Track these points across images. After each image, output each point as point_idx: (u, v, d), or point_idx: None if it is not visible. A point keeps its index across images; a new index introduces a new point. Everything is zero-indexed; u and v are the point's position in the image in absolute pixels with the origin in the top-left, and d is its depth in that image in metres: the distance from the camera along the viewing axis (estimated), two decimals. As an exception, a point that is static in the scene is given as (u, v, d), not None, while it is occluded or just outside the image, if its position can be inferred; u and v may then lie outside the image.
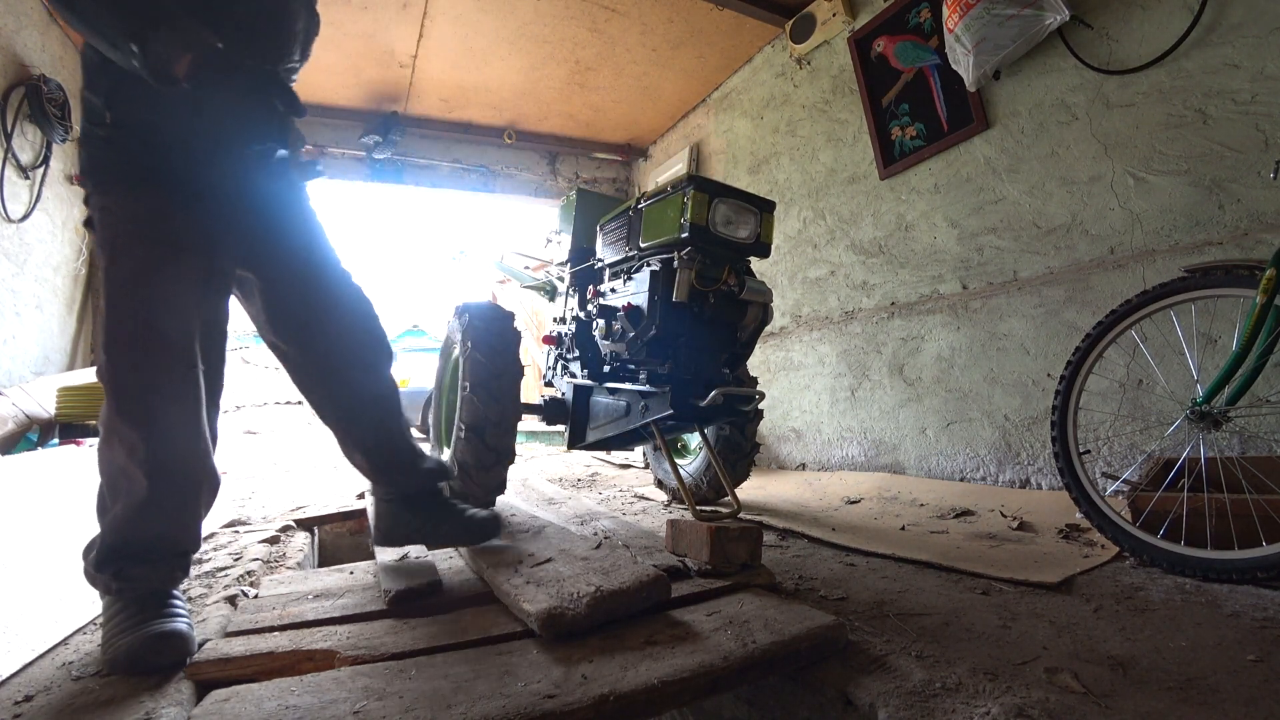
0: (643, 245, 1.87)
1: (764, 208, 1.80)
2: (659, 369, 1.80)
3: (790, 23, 3.58)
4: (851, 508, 2.51)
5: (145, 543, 1.15)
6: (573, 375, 2.34)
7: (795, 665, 1.06)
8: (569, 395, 2.37)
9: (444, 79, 4.17)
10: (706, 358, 1.83)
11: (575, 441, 2.33)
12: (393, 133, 4.44)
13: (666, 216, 1.76)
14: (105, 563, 1.14)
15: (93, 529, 1.21)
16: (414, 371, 7.81)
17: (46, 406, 2.98)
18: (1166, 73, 2.11)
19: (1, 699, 0.99)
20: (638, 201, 1.93)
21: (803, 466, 3.54)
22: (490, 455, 1.97)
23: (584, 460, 4.42)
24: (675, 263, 1.71)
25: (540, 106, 4.70)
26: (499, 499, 2.14)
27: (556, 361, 2.50)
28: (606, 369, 2.11)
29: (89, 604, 1.37)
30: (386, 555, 1.61)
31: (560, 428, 2.45)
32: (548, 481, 3.16)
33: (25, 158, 3.16)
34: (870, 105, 3.13)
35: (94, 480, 1.20)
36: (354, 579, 1.50)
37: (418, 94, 4.35)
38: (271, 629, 1.17)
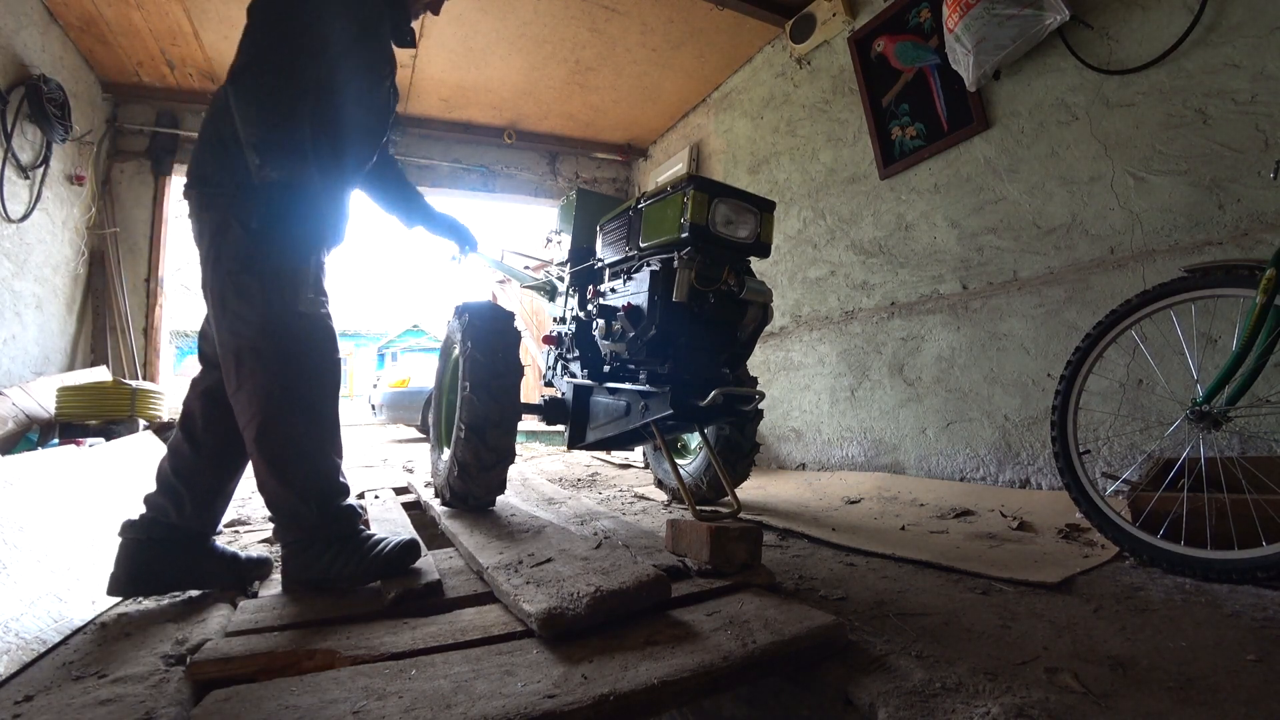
0: (643, 245, 1.87)
1: (764, 208, 1.80)
2: (659, 369, 1.80)
3: (790, 23, 3.58)
4: (851, 508, 2.51)
5: (339, 485, 1.43)
6: (573, 375, 2.34)
7: (795, 665, 1.06)
8: (569, 395, 2.36)
9: (444, 79, 4.17)
10: (706, 358, 1.83)
11: (575, 441, 2.33)
12: (392, 132, 4.44)
13: (666, 216, 1.76)
14: (324, 508, 1.37)
15: (91, 528, 1.21)
16: (414, 371, 7.80)
17: (46, 406, 2.98)
18: (1166, 73, 2.11)
19: (1, 699, 0.99)
20: (638, 201, 1.93)
21: (803, 466, 3.54)
22: (490, 455, 1.98)
23: (584, 460, 4.42)
24: (675, 263, 1.71)
25: (540, 106, 4.70)
26: (499, 499, 2.14)
27: (556, 361, 2.50)
28: (606, 369, 2.11)
29: (89, 604, 1.37)
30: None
31: (560, 428, 2.45)
32: (548, 481, 3.16)
33: (25, 158, 3.17)
34: (870, 105, 3.13)
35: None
36: (354, 579, 1.49)
37: (418, 94, 4.36)
38: (271, 629, 1.17)
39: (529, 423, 2.80)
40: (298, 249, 1.38)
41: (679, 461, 2.68)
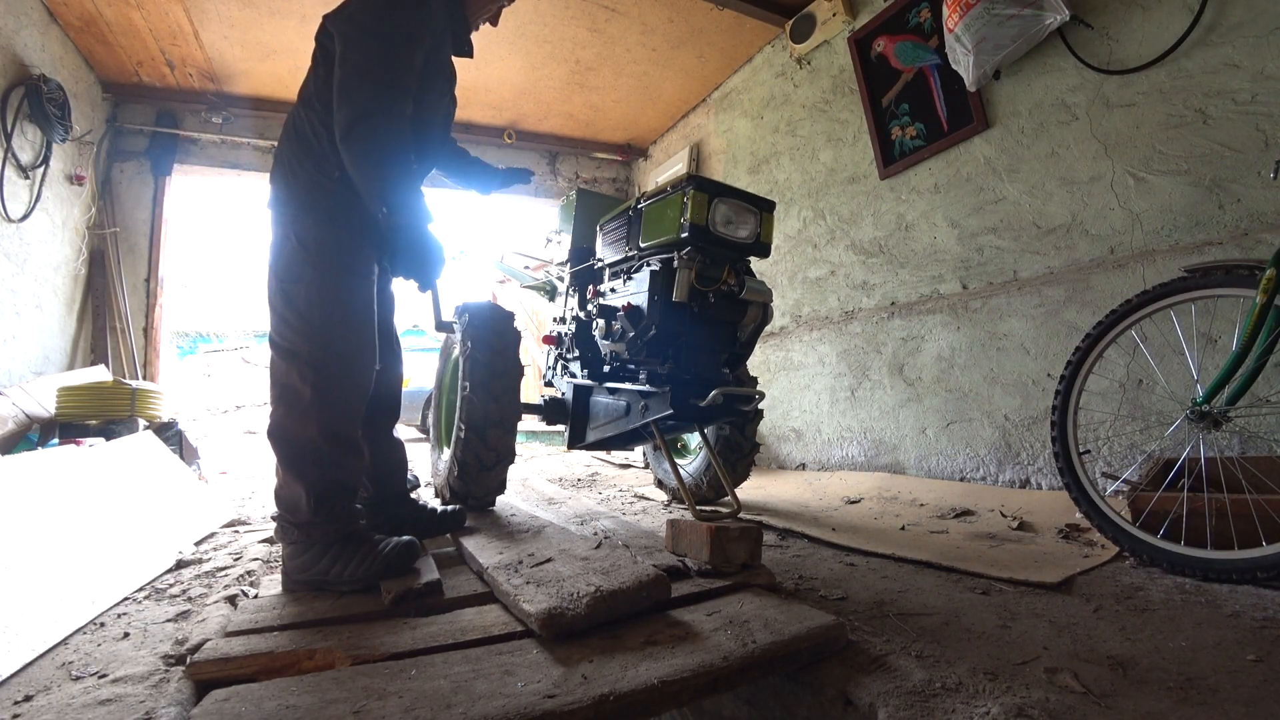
0: (643, 245, 1.87)
1: (764, 208, 1.80)
2: (659, 369, 1.80)
3: (790, 23, 3.58)
4: (851, 508, 2.51)
5: (347, 487, 1.47)
6: (573, 375, 2.34)
7: (795, 665, 1.06)
8: (569, 395, 2.37)
9: (444, 79, 4.17)
10: (706, 357, 1.83)
11: (575, 441, 2.33)
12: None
13: (666, 216, 1.76)
14: (320, 506, 1.40)
15: (92, 529, 1.21)
16: (414, 371, 7.80)
17: (46, 406, 2.98)
18: (1166, 73, 2.11)
19: (1, 699, 0.99)
20: (638, 201, 1.93)
21: (803, 466, 3.54)
22: (490, 455, 1.98)
23: (584, 460, 4.42)
24: (675, 263, 1.71)
25: (540, 106, 4.70)
26: (499, 499, 2.14)
27: (556, 361, 2.50)
28: (606, 369, 2.11)
29: (89, 604, 1.37)
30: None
31: (560, 428, 2.46)
32: (548, 481, 3.16)
33: (25, 158, 3.16)
34: (870, 105, 3.13)
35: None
36: (354, 579, 1.49)
37: (418, 94, 4.35)
38: (271, 629, 1.17)
39: (529, 423, 2.79)
40: (355, 268, 1.49)
41: (679, 461, 2.68)
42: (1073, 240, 2.36)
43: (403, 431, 1.90)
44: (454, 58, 1.75)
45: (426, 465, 3.99)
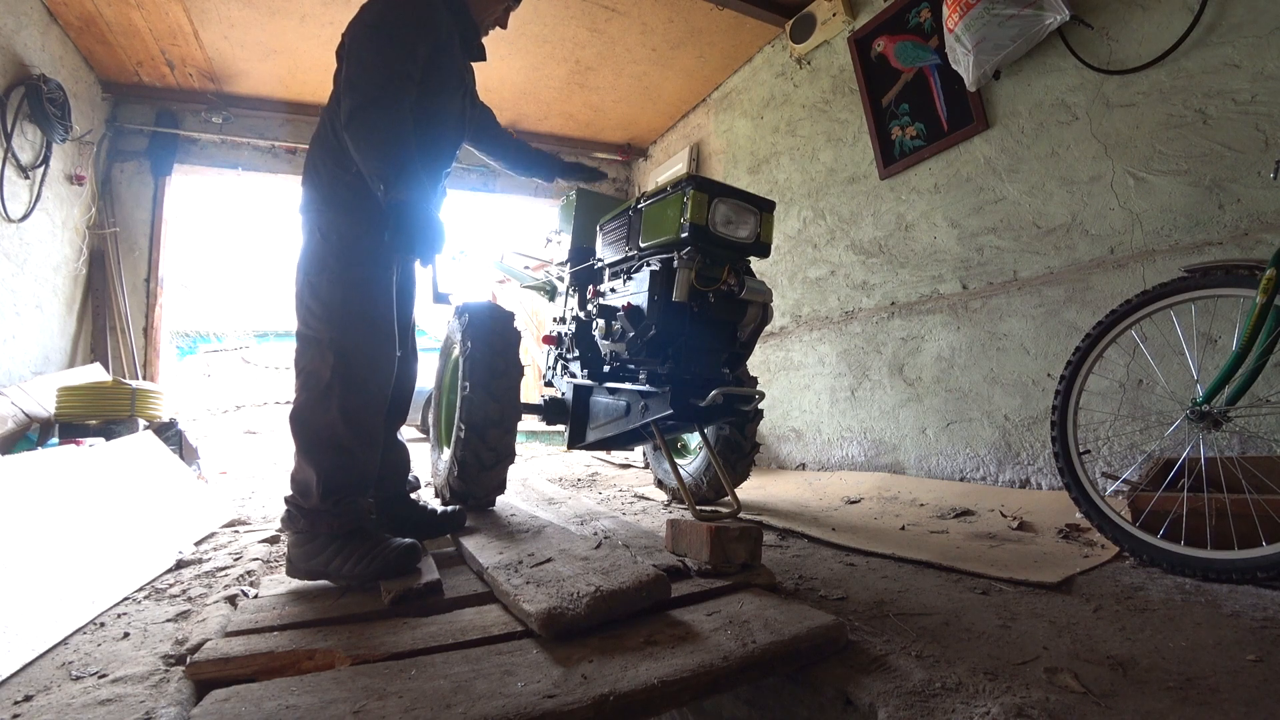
0: (642, 245, 1.87)
1: (764, 208, 1.80)
2: (659, 369, 1.80)
3: (790, 23, 3.58)
4: (851, 508, 2.51)
5: (359, 480, 1.49)
6: (573, 375, 2.34)
7: (795, 665, 1.06)
8: (569, 395, 2.37)
9: (444, 79, 4.16)
10: (706, 357, 1.83)
11: (575, 441, 2.33)
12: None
13: (666, 216, 1.76)
14: (329, 494, 1.42)
15: (92, 529, 1.21)
16: (414, 371, 7.77)
17: (46, 406, 2.98)
18: (1166, 73, 2.11)
19: (1, 699, 0.99)
20: (637, 201, 1.93)
21: (803, 466, 3.54)
22: (490, 455, 1.98)
23: (584, 460, 4.41)
24: (675, 263, 1.71)
25: (540, 106, 4.70)
26: (499, 499, 2.14)
27: (556, 361, 2.50)
28: (606, 369, 2.11)
29: (89, 604, 1.37)
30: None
31: (560, 428, 2.46)
32: (548, 481, 3.16)
33: (25, 158, 3.16)
34: (870, 105, 3.13)
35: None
36: (354, 579, 1.49)
37: (418, 94, 4.35)
38: (271, 629, 1.17)
39: (529, 423, 2.79)
40: (374, 258, 1.53)
41: (679, 461, 2.68)
42: (1073, 240, 2.36)
43: (403, 431, 1.90)
44: (471, 63, 1.78)
45: (426, 465, 3.99)
